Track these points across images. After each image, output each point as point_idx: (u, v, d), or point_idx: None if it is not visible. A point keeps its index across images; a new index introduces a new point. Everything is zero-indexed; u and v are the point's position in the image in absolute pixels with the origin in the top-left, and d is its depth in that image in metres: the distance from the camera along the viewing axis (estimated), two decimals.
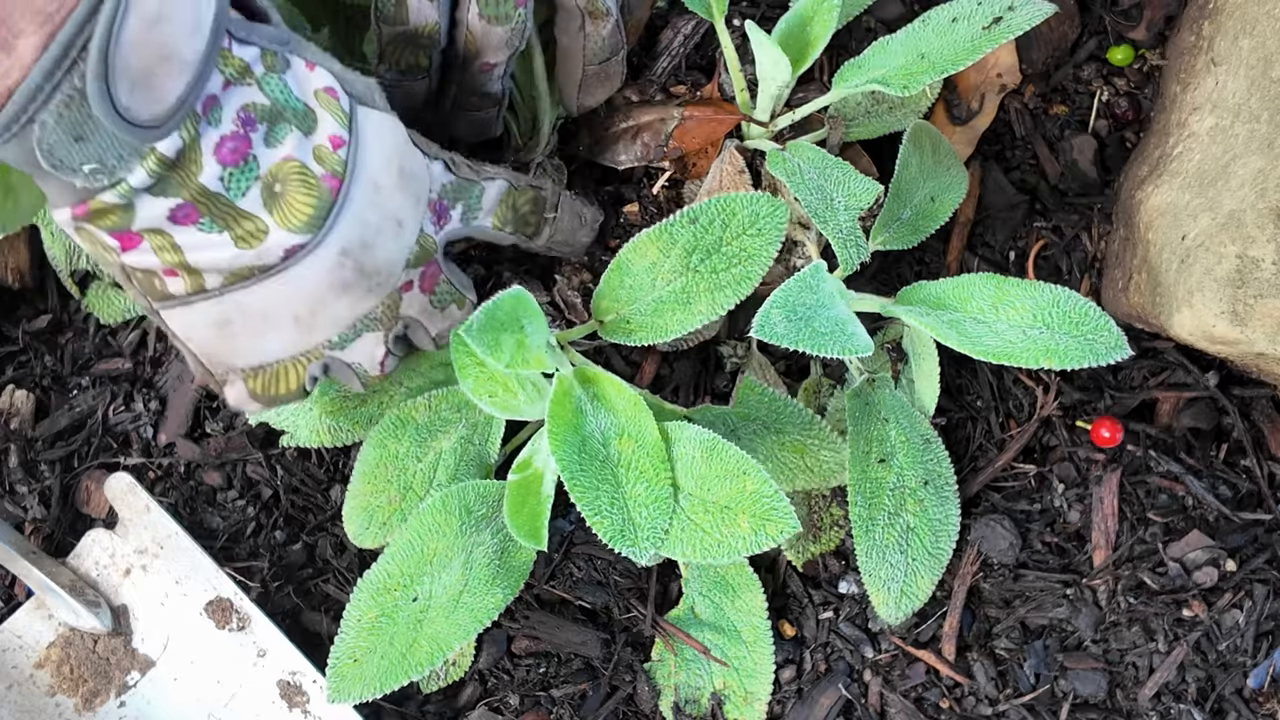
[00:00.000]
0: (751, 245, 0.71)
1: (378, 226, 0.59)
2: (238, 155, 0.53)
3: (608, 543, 0.65)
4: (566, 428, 0.67)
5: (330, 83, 0.57)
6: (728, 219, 0.71)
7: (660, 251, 0.71)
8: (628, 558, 0.66)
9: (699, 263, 0.71)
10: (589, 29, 0.71)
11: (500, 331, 0.64)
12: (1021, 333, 0.70)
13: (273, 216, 0.55)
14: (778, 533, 0.65)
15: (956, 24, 0.75)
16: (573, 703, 0.81)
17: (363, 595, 0.69)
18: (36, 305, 0.89)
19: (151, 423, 0.86)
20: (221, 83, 0.52)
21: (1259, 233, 0.70)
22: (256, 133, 0.54)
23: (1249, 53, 0.76)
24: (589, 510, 0.65)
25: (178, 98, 0.50)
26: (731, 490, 0.66)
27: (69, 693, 0.80)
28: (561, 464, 0.65)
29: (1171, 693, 0.80)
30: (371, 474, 0.74)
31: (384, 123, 0.59)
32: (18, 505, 0.85)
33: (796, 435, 0.76)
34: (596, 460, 0.67)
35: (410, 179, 0.61)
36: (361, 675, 0.68)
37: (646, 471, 0.67)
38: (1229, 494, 0.83)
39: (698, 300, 0.71)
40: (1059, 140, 0.91)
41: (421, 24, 0.65)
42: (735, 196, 0.71)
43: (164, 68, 0.49)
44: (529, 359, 0.65)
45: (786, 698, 0.81)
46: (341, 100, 0.57)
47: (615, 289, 0.73)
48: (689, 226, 0.71)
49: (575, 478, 0.65)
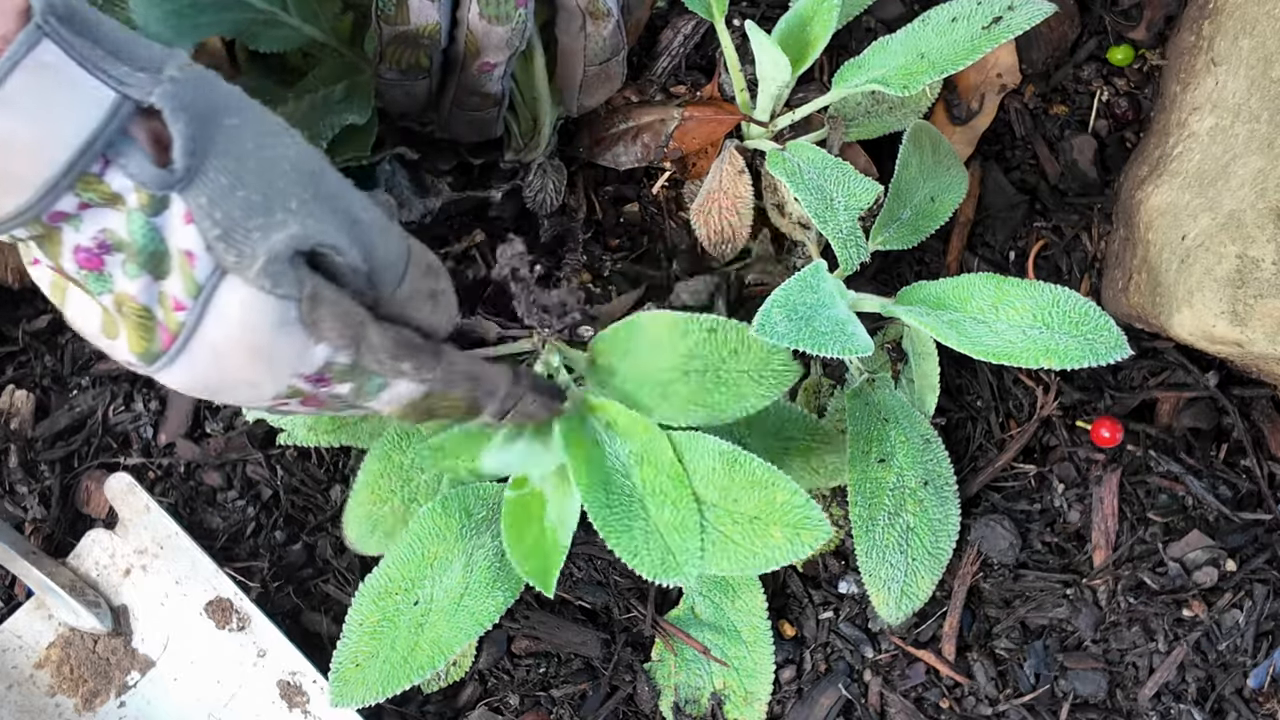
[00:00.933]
0: (748, 388, 0.69)
1: (222, 382, 0.55)
2: (92, 266, 0.51)
3: (650, 578, 0.64)
4: (588, 463, 0.66)
5: (192, 247, 0.51)
6: (742, 351, 0.69)
7: (669, 335, 0.69)
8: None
9: (693, 371, 0.69)
10: (590, 29, 0.71)
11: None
12: (1021, 333, 0.70)
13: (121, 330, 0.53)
14: (813, 540, 0.65)
15: (956, 24, 0.75)
16: (573, 703, 0.81)
17: (364, 599, 0.69)
18: (36, 305, 0.89)
19: (151, 423, 0.86)
20: (77, 204, 0.49)
21: (1259, 233, 0.70)
22: (112, 258, 0.51)
23: (1249, 53, 0.76)
24: (626, 553, 0.64)
25: (8, 213, 0.48)
26: (760, 501, 0.66)
27: (69, 693, 0.80)
28: (589, 501, 0.65)
29: (1171, 693, 0.80)
30: (375, 483, 0.74)
31: (251, 303, 0.52)
32: (18, 505, 0.85)
33: (801, 438, 0.76)
34: (623, 494, 0.66)
35: (266, 360, 0.54)
36: (364, 679, 0.68)
37: (670, 494, 0.66)
38: (1229, 494, 0.83)
39: (674, 399, 0.69)
40: (1059, 140, 0.91)
41: (422, 24, 0.65)
42: (754, 339, 0.68)
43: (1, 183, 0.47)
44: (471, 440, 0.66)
45: (786, 698, 0.81)
46: (198, 269, 0.51)
47: (622, 341, 0.70)
48: (706, 334, 0.68)
49: (605, 521, 0.65)
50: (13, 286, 0.87)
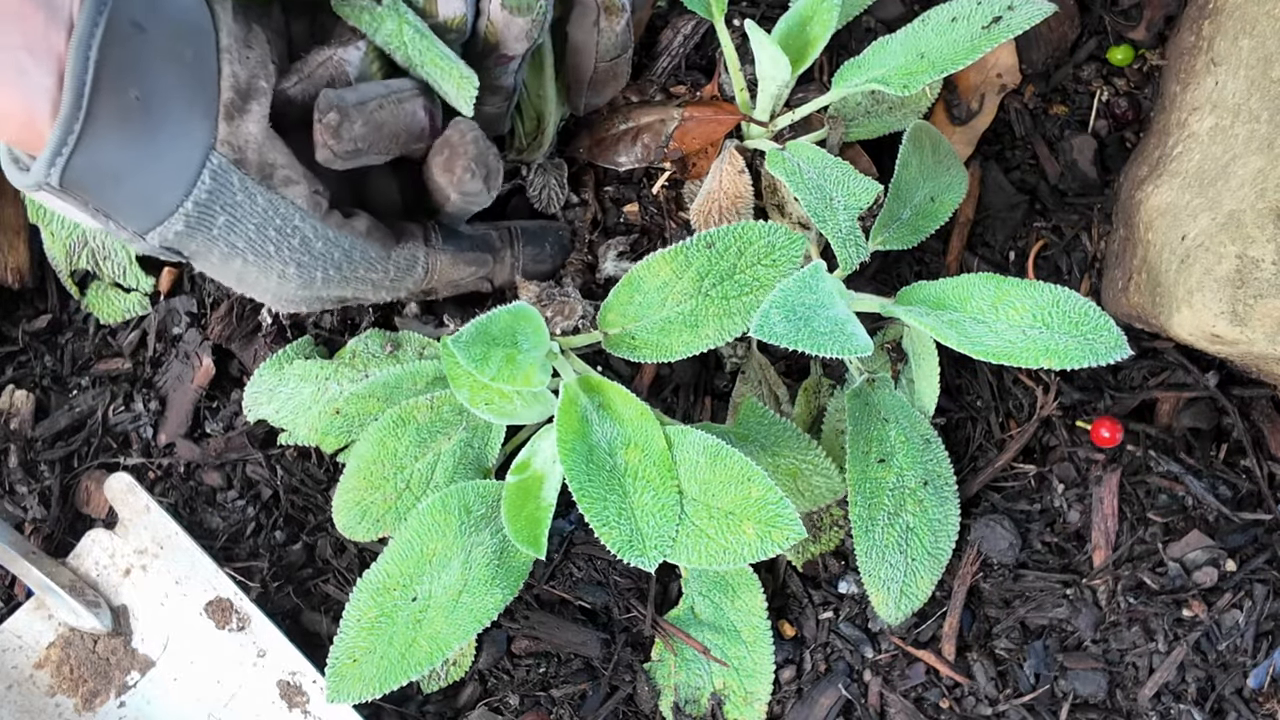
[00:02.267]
0: (765, 275, 0.71)
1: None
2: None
3: (615, 553, 0.65)
4: (574, 437, 0.67)
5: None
6: (743, 247, 0.71)
7: (673, 272, 0.71)
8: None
9: (711, 287, 0.71)
10: (603, 24, 0.71)
11: (490, 346, 0.65)
12: (1021, 333, 0.70)
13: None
14: (783, 539, 0.65)
15: (956, 23, 0.75)
16: (573, 703, 0.81)
17: (362, 595, 0.69)
18: (36, 305, 0.89)
19: (151, 423, 0.86)
20: None
21: (1259, 233, 0.70)
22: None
23: (1249, 53, 0.76)
24: (597, 521, 0.65)
25: None
26: (736, 496, 0.66)
27: (69, 693, 0.80)
28: (570, 474, 0.66)
29: (1171, 693, 0.80)
30: (368, 470, 0.74)
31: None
32: (18, 505, 0.85)
33: (792, 458, 0.77)
34: (604, 470, 0.67)
35: None
36: (361, 675, 0.68)
37: (653, 480, 0.67)
38: (1229, 494, 0.83)
39: (706, 324, 0.71)
40: (1059, 140, 0.91)
41: (450, 16, 0.65)
42: (753, 225, 0.71)
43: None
44: (517, 375, 0.66)
45: (786, 698, 0.81)
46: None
47: (624, 304, 0.73)
48: (705, 251, 0.71)
49: (583, 488, 0.66)
50: (13, 286, 0.87)
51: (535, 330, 0.67)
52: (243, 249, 0.59)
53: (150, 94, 0.54)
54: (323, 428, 0.80)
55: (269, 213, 0.59)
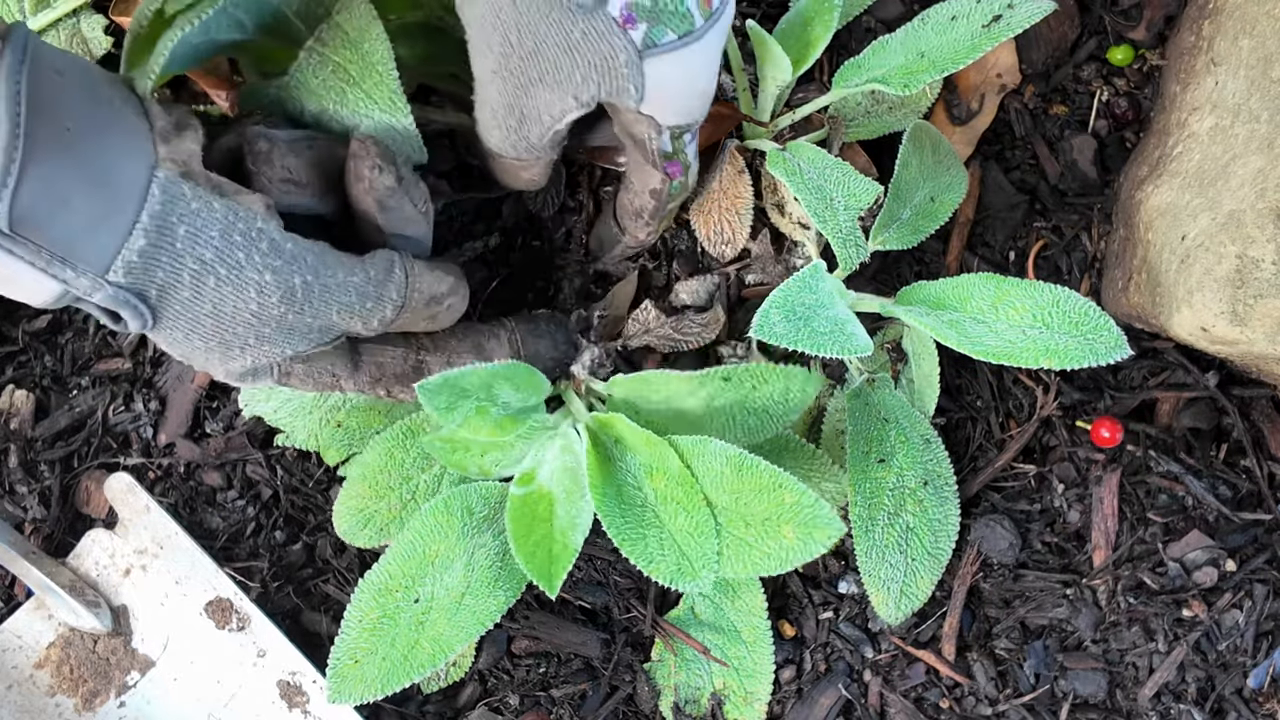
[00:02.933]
0: (775, 409, 0.72)
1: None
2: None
3: (669, 585, 0.66)
4: (602, 479, 0.68)
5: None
6: (759, 384, 0.71)
7: (685, 387, 0.71)
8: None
9: (718, 408, 0.72)
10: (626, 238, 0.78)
11: (459, 397, 0.65)
12: (1021, 333, 0.70)
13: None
14: (825, 538, 0.66)
15: (956, 22, 0.75)
16: (573, 703, 0.81)
17: (364, 596, 0.69)
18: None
19: (151, 423, 0.86)
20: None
21: (1259, 233, 0.70)
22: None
23: (1249, 53, 0.76)
24: (642, 560, 0.66)
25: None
26: (769, 504, 0.66)
27: (69, 693, 0.80)
28: (604, 515, 0.66)
29: (1171, 693, 0.80)
30: (373, 478, 0.74)
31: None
32: (18, 505, 0.85)
33: (797, 466, 0.77)
34: (636, 505, 0.68)
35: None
36: (362, 676, 0.68)
37: (683, 501, 0.67)
38: (1229, 494, 0.83)
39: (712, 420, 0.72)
40: (1059, 140, 0.91)
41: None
42: (770, 369, 0.71)
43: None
44: (483, 427, 0.66)
45: (786, 698, 0.81)
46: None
47: (638, 391, 0.72)
48: (721, 383, 0.71)
49: (621, 531, 0.66)
50: None
51: (527, 382, 0.67)
52: (212, 261, 0.57)
53: (84, 128, 0.54)
54: (324, 439, 0.80)
55: (230, 217, 0.57)
